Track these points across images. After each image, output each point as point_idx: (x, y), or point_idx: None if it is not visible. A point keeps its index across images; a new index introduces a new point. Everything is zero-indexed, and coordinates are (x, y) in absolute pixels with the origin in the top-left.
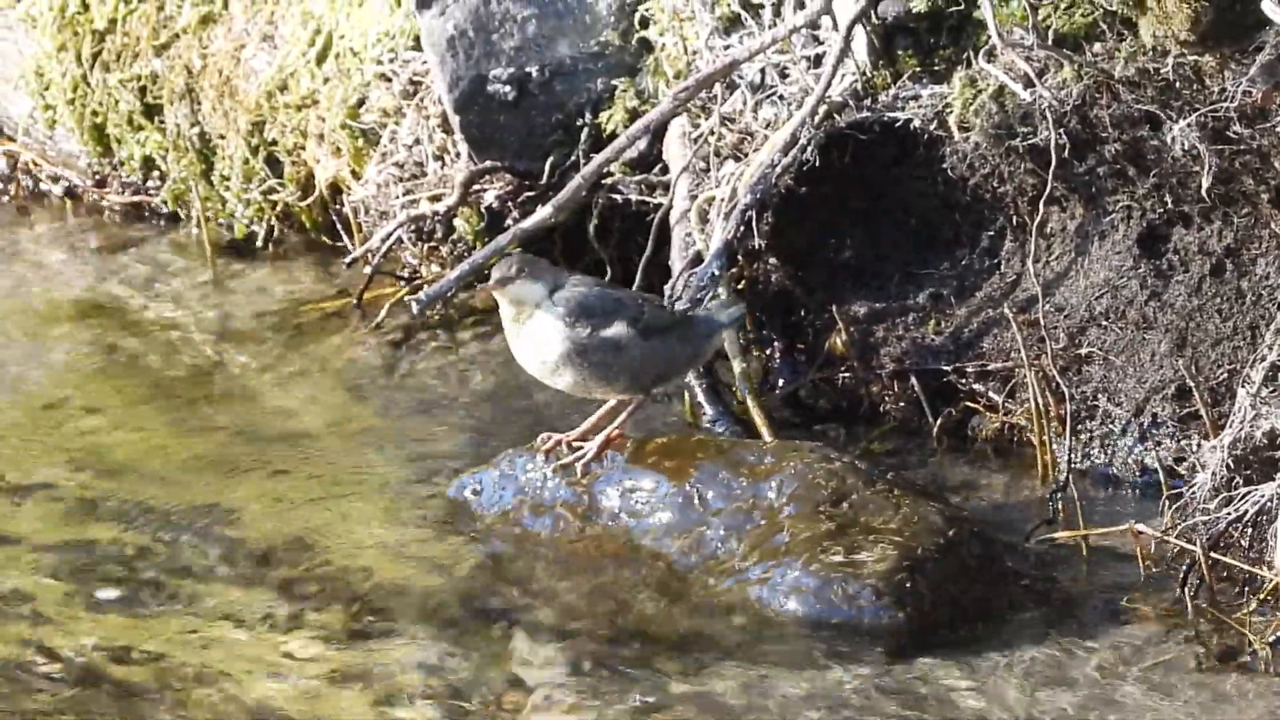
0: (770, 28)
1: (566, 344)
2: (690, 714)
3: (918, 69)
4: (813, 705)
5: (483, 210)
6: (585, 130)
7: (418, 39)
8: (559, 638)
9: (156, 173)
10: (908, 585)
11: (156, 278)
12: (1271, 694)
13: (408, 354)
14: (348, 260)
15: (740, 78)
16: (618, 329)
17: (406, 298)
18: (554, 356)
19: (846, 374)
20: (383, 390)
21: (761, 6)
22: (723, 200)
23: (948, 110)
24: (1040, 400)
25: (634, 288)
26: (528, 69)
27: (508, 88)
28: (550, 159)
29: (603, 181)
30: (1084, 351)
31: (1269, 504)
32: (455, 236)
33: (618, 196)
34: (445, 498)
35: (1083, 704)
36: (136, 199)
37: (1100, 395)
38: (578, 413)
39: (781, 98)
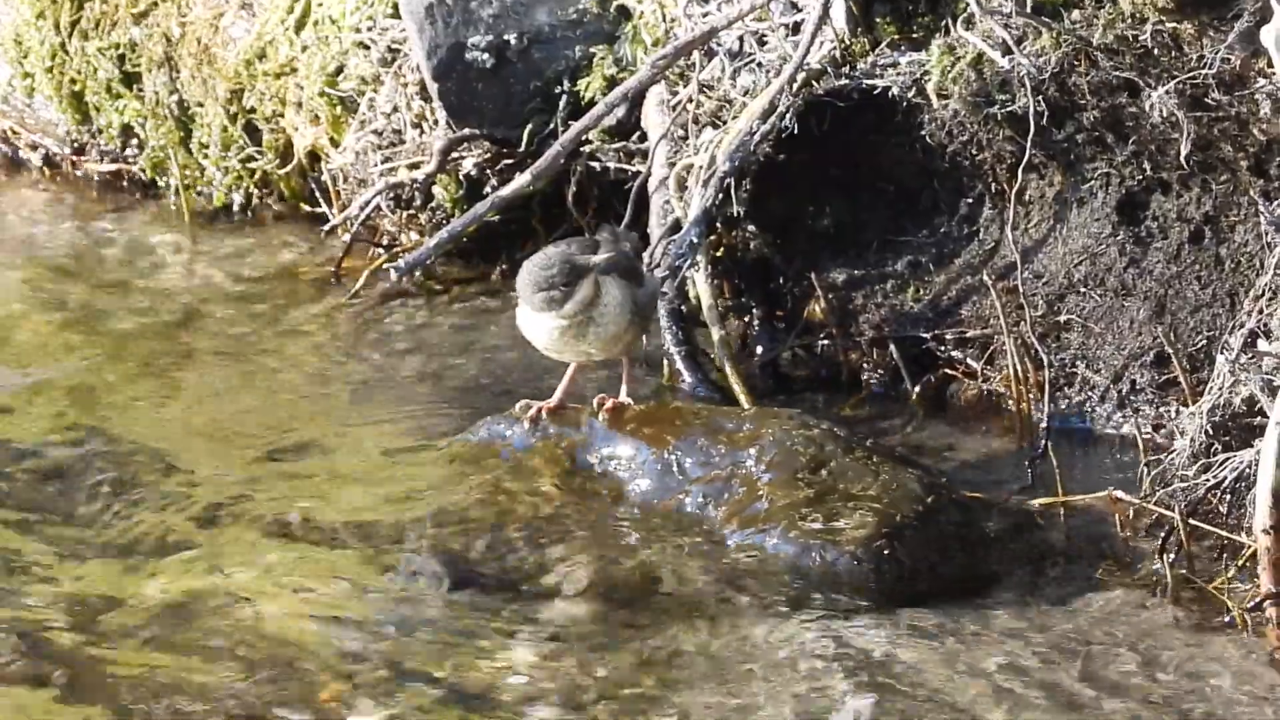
0: None
1: (633, 307)
2: (674, 674)
3: (896, 36)
4: (794, 671)
5: (461, 178)
6: (563, 98)
7: (396, 6)
8: (543, 599)
9: (135, 140)
10: (886, 552)
11: (135, 246)
12: (1250, 660)
13: (385, 322)
14: (326, 228)
15: (718, 45)
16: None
17: (385, 265)
18: (625, 321)
19: (825, 341)
20: (360, 358)
21: None
22: (701, 168)
23: (926, 78)
24: (1019, 367)
25: None
26: (506, 37)
27: (486, 55)
28: (529, 127)
29: (581, 149)
30: (1063, 318)
31: (1248, 470)
32: (434, 204)
33: (596, 164)
34: (424, 463)
35: (1060, 670)
36: (115, 167)
37: (1079, 362)
38: (552, 377)
39: (760, 65)
